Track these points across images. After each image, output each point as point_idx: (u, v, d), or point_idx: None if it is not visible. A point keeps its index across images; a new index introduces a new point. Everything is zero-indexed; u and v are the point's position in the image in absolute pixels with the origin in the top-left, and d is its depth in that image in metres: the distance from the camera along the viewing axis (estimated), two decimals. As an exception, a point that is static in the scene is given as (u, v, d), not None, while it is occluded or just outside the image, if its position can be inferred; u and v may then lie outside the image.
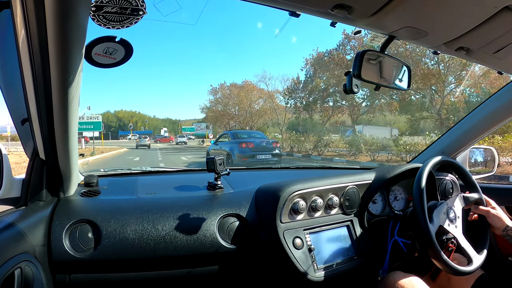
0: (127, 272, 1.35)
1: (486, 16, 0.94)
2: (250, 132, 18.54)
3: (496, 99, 1.72)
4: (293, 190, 1.49)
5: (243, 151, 12.90)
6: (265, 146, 13.41)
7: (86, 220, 1.34)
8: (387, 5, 0.87)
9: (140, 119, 76.55)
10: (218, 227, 1.45)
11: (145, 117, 78.79)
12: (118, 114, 76.02)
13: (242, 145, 13.09)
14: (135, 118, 73.76)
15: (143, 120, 75.55)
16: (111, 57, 1.00)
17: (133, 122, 67.35)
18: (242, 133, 15.84)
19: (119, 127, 73.11)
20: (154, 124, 77.96)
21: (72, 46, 0.94)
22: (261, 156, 12.93)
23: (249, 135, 15.33)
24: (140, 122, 74.21)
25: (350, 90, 1.07)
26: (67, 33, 0.89)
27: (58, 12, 0.83)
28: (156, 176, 2.06)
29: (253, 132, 17.32)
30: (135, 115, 76.15)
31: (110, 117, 74.67)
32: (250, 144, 13.15)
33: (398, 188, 1.79)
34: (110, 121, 73.55)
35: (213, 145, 15.25)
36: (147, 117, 79.59)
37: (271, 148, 13.51)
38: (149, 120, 77.61)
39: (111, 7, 0.89)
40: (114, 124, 73.92)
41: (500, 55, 1.18)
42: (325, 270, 1.45)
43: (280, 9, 0.93)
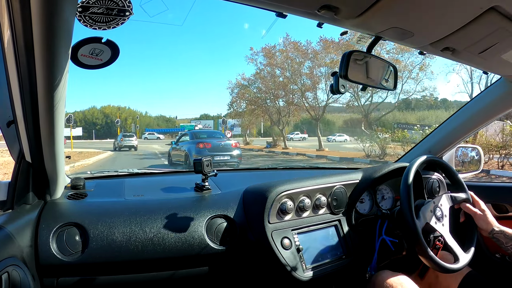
0: (115, 275, 1.34)
1: (471, 17, 0.95)
2: (211, 132, 18.96)
3: (482, 99, 1.74)
4: (281, 191, 1.49)
5: (200, 151, 12.33)
6: (223, 146, 12.94)
7: (73, 223, 1.33)
8: (374, 6, 0.88)
9: (130, 115, 69.01)
10: (206, 229, 1.45)
11: (136, 113, 71.28)
12: (104, 110, 68.50)
13: (199, 146, 12.60)
14: (124, 114, 67.30)
15: (133, 117, 67.75)
16: (97, 58, 0.99)
17: (122, 118, 61.95)
18: (202, 133, 15.47)
19: (105, 124, 66.43)
20: (146, 121, 71.32)
21: (58, 47, 0.93)
22: (219, 157, 12.34)
23: (209, 135, 14.92)
24: (130, 118, 66.77)
25: (337, 90, 1.08)
26: (53, 34, 0.88)
27: (44, 12, 0.82)
28: (143, 178, 2.04)
29: (214, 132, 17.20)
30: (124, 111, 69.25)
31: (96, 113, 67.86)
32: (208, 144, 12.68)
33: (385, 188, 1.80)
34: (95, 118, 66.69)
35: (174, 145, 14.71)
36: (138, 113, 71.98)
37: (230, 149, 12.99)
38: (140, 117, 69.81)
39: (98, 7, 0.88)
40: (100, 121, 66.70)
41: (486, 55, 1.19)
42: (314, 270, 1.46)
43: (267, 10, 0.94)
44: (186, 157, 12.78)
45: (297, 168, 2.47)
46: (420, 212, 1.43)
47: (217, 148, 12.69)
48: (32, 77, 1.00)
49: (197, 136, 14.23)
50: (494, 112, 1.74)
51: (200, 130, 26.33)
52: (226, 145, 13.09)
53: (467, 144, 2.07)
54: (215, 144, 12.83)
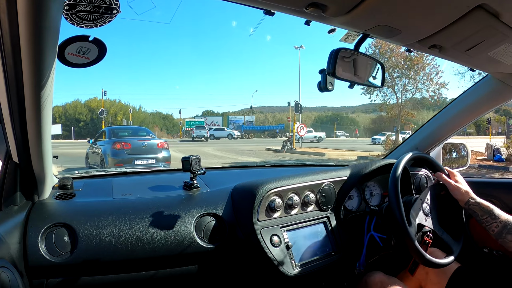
0: (105, 275, 1.33)
1: (459, 15, 0.95)
2: (135, 128, 15.30)
3: (468, 96, 1.76)
4: (269, 188, 1.49)
5: (117, 153, 10.14)
6: (146, 147, 10.63)
7: (61, 224, 1.31)
8: (361, 4, 0.88)
9: (121, 109, 58.22)
10: (195, 227, 1.45)
11: (128, 107, 59.84)
12: (90, 103, 56.90)
13: (116, 146, 10.26)
14: (113, 108, 56.83)
15: (125, 111, 57.43)
16: (84, 56, 0.98)
17: (111, 113, 53.02)
18: (122, 130, 12.78)
19: (90, 121, 55.53)
20: (141, 117, 61.07)
21: (45, 45, 0.92)
22: (141, 161, 10.17)
23: (132, 133, 12.17)
24: (121, 113, 56.54)
25: (325, 88, 1.08)
26: (40, 32, 0.87)
27: (31, 10, 0.81)
28: (132, 177, 2.03)
29: (138, 129, 13.70)
30: (114, 105, 58.47)
31: (79, 107, 56.35)
32: (127, 144, 10.35)
33: (374, 184, 1.81)
34: (78, 113, 56.02)
35: (91, 145, 11.80)
36: (131, 107, 60.19)
37: (155, 150, 10.75)
38: (133, 112, 58.72)
39: (85, 5, 0.88)
40: (84, 117, 55.85)
41: (472, 53, 1.20)
42: (303, 267, 1.47)
43: (255, 8, 0.94)
44: (101, 160, 10.36)
45: (285, 166, 2.47)
46: (410, 216, 1.44)
47: (138, 149, 10.49)
48: (19, 76, 0.98)
49: (116, 133, 11.64)
50: (481, 109, 1.76)
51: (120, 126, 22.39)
52: (150, 145, 10.86)
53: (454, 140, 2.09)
54: (136, 144, 10.58)
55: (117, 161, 9.93)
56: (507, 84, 1.55)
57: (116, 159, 10.00)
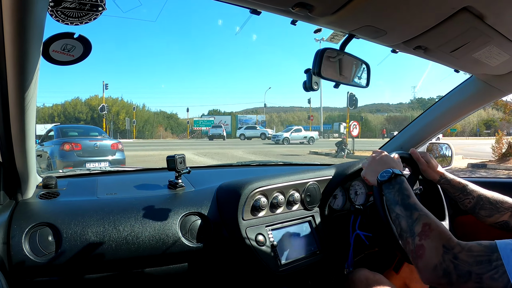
0: (89, 275, 1.32)
1: (444, 17, 0.96)
2: (86, 127, 13.91)
3: (453, 96, 1.77)
4: (254, 187, 1.49)
5: (66, 155, 9.25)
6: (98, 148, 9.82)
7: (45, 223, 1.30)
8: (348, 5, 0.88)
9: (124, 108, 54.40)
10: (180, 226, 1.44)
11: (131, 105, 56.18)
12: (90, 102, 53.94)
13: (65, 147, 9.35)
14: (115, 106, 52.47)
15: (127, 110, 53.87)
16: (69, 54, 0.97)
17: (113, 112, 49.39)
18: (71, 129, 11.45)
19: (91, 120, 51.22)
20: (145, 116, 56.93)
21: (30, 42, 0.90)
22: (92, 164, 9.26)
23: (83, 132, 10.97)
24: (124, 112, 52.90)
25: (310, 87, 1.09)
26: (24, 29, 0.86)
27: (15, 6, 0.79)
28: (116, 176, 2.01)
29: (90, 129, 12.39)
30: (116, 103, 54.39)
31: (79, 105, 53.52)
32: (77, 145, 9.45)
33: (358, 183, 1.82)
34: (78, 112, 52.71)
35: (38, 146, 10.36)
36: (134, 106, 56.54)
37: (108, 152, 9.92)
38: (137, 111, 55.03)
39: (70, 2, 0.87)
40: (84, 115, 52.55)
41: (457, 54, 1.21)
42: (289, 266, 1.47)
43: (241, 7, 0.94)
44: (48, 164, 9.48)
45: (270, 165, 2.48)
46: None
47: (89, 150, 9.64)
48: (3, 73, 0.97)
49: (65, 133, 10.50)
50: (465, 110, 1.77)
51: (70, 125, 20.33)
52: (103, 146, 9.97)
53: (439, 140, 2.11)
54: (87, 145, 9.72)
55: (66, 164, 9.07)
56: (491, 86, 1.57)
57: (65, 161, 9.22)
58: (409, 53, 1.22)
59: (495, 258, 0.83)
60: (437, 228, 0.97)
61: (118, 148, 10.20)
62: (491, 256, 0.84)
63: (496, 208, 1.32)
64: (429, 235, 0.96)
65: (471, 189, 1.38)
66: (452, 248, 0.90)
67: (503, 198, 1.34)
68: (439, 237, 0.94)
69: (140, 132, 52.62)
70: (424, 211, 1.04)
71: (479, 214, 1.35)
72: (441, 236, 0.94)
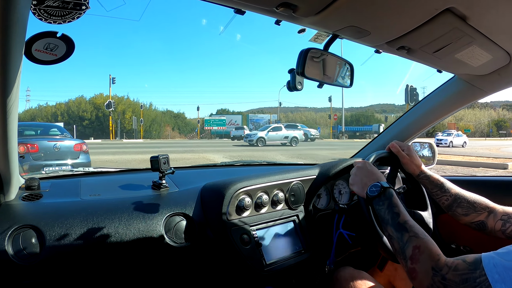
0: (74, 277, 1.31)
1: (427, 17, 0.98)
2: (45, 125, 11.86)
3: (436, 96, 1.79)
4: (238, 187, 1.49)
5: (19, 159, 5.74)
6: (59, 150, 8.30)
7: (29, 226, 1.28)
8: (332, 5, 0.89)
9: (130, 106, 51.13)
10: (164, 227, 1.43)
11: (137, 104, 52.92)
12: (95, 100, 50.39)
13: (19, 149, 4.65)
14: (121, 105, 49.12)
15: (134, 108, 50.60)
16: (52, 53, 0.96)
17: (118, 110, 46.24)
18: (27, 127, 9.68)
19: (96, 119, 49.29)
20: (152, 115, 53.68)
21: (12, 41, 0.89)
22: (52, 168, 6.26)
23: (41, 132, 9.25)
24: (130, 111, 49.75)
25: (294, 87, 1.09)
26: (6, 27, 0.84)
27: None
28: (100, 177, 1.99)
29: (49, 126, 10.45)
30: (122, 102, 51.01)
31: (83, 104, 50.23)
32: (33, 146, 7.97)
33: (342, 183, 1.83)
34: (82, 111, 49.58)
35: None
36: (141, 104, 52.59)
37: (71, 154, 8.48)
38: (144, 109, 50.99)
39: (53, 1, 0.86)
40: (88, 114, 49.33)
41: (440, 55, 1.23)
42: (274, 265, 1.47)
43: (225, 6, 0.94)
44: None
45: (254, 165, 2.49)
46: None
47: (48, 153, 8.19)
48: None
49: (20, 132, 5.43)
50: (447, 109, 1.79)
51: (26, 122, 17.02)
52: (64, 148, 8.49)
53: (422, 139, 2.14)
54: (45, 146, 8.25)
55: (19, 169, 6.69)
56: (473, 85, 1.59)
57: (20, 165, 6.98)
58: (392, 53, 1.23)
59: (478, 275, 0.85)
60: (426, 249, 0.99)
61: (82, 149, 8.79)
62: (475, 273, 0.86)
63: (473, 208, 1.32)
64: (419, 258, 0.98)
65: (449, 187, 1.39)
66: (440, 269, 0.93)
67: (480, 198, 1.34)
68: (429, 260, 0.97)
69: (147, 132, 50.42)
70: (414, 230, 1.05)
71: (455, 212, 1.36)
72: (430, 258, 0.97)
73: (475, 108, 58.60)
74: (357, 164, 1.35)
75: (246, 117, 56.65)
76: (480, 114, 65.30)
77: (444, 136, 31.64)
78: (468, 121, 45.15)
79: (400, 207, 1.14)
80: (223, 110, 71.72)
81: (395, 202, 1.15)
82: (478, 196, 1.35)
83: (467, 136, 32.28)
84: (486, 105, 61.95)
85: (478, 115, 63.09)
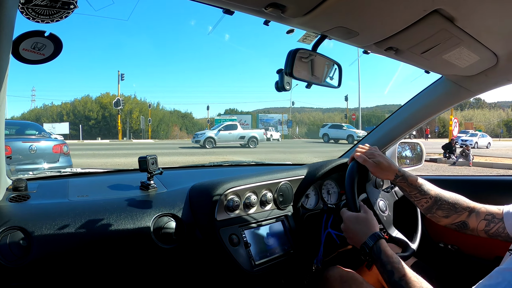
0: (62, 278, 1.29)
1: (415, 19, 0.98)
2: (20, 123, 10.35)
3: (423, 96, 1.81)
4: (227, 188, 1.48)
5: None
6: (36, 153, 7.42)
7: (16, 227, 1.26)
8: (320, 6, 0.89)
9: (137, 106, 49.17)
10: (153, 228, 1.42)
11: (145, 103, 50.89)
12: (102, 99, 48.39)
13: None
14: (128, 105, 46.98)
15: (141, 108, 48.71)
16: (39, 53, 0.96)
17: (125, 110, 44.07)
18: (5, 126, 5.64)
19: (102, 119, 46.75)
20: (159, 115, 51.35)
21: None
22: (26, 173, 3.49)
23: (16, 131, 8.17)
24: (137, 110, 47.82)
25: (282, 88, 1.10)
26: None
27: None
28: (88, 177, 1.96)
29: (25, 125, 9.37)
30: (129, 101, 48.57)
31: (89, 104, 48.06)
32: (7, 148, 3.55)
33: (331, 183, 1.83)
34: (89, 110, 47.15)
35: None
36: (149, 103, 50.16)
37: (49, 157, 7.56)
38: (151, 109, 48.71)
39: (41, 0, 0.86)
40: (94, 114, 46.96)
41: (428, 56, 1.24)
42: (263, 265, 1.47)
43: (214, 6, 0.94)
44: None
45: (242, 165, 2.48)
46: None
47: (23, 155, 7.27)
48: None
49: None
50: (435, 110, 1.81)
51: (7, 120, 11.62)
52: (41, 150, 7.57)
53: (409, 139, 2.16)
54: (20, 148, 7.35)
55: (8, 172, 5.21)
56: (461, 86, 1.61)
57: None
58: (381, 54, 1.24)
59: None
60: None
61: (63, 151, 7.79)
62: None
63: (454, 209, 1.29)
64: None
65: (428, 188, 1.33)
66: None
67: (460, 198, 1.31)
68: None
69: (154, 132, 47.50)
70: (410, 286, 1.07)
71: (435, 215, 1.32)
72: None
73: (484, 108, 58.48)
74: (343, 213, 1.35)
75: (256, 117, 55.25)
76: (490, 114, 64.68)
77: (469, 137, 29.99)
78: (478, 121, 45.21)
79: (393, 260, 1.14)
80: (231, 110, 69.43)
81: (386, 258, 1.15)
82: (458, 196, 1.32)
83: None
84: (494, 105, 61.82)
85: (487, 116, 62.89)
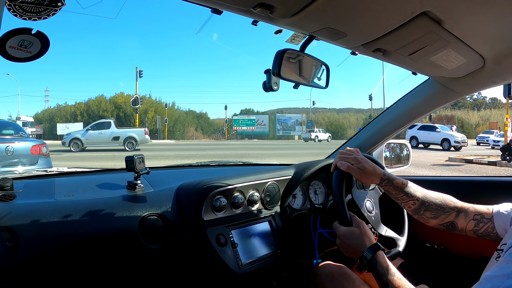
0: (49, 279, 1.28)
1: (403, 20, 0.99)
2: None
3: (410, 98, 1.82)
4: (214, 188, 1.48)
5: None
6: (12, 154, 6.91)
7: (2, 227, 1.24)
8: (309, 6, 0.90)
9: (152, 106, 48.01)
10: (139, 228, 1.41)
11: (160, 103, 49.82)
12: (116, 99, 47.27)
13: None
14: (143, 105, 43.07)
15: (156, 108, 47.64)
16: (26, 50, 0.94)
17: (140, 110, 41.03)
18: None
19: (117, 119, 39.38)
20: (175, 115, 49.92)
21: None
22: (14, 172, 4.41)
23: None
24: (152, 110, 46.64)
25: (270, 88, 1.10)
26: None
27: None
28: (74, 177, 1.95)
29: (3, 124, 8.69)
30: (144, 101, 45.13)
31: (103, 103, 46.91)
32: None
33: (318, 183, 1.84)
34: (103, 110, 45.70)
35: None
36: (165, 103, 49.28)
37: (27, 159, 7.10)
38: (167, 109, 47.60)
39: (29, -3, 0.86)
40: (108, 114, 43.56)
41: (415, 57, 1.24)
42: (250, 265, 1.47)
43: (203, 6, 0.94)
44: None
45: (230, 165, 2.48)
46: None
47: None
48: None
49: None
50: (422, 111, 1.83)
51: None
52: (19, 151, 7.04)
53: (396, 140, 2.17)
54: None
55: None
56: (448, 88, 1.62)
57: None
58: (368, 55, 1.24)
59: None
60: None
61: (42, 152, 7.30)
62: None
63: (442, 209, 1.28)
64: None
65: (414, 190, 1.31)
66: None
67: (448, 198, 1.31)
68: None
69: (170, 132, 46.79)
70: None
71: (423, 216, 1.31)
72: None
73: (501, 108, 58.75)
74: (336, 228, 1.34)
75: (273, 117, 54.13)
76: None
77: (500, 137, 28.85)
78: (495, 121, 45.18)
79: (388, 272, 1.13)
80: (247, 110, 67.33)
81: (382, 270, 1.15)
82: (446, 196, 1.31)
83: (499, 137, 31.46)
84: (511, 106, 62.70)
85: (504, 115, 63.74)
